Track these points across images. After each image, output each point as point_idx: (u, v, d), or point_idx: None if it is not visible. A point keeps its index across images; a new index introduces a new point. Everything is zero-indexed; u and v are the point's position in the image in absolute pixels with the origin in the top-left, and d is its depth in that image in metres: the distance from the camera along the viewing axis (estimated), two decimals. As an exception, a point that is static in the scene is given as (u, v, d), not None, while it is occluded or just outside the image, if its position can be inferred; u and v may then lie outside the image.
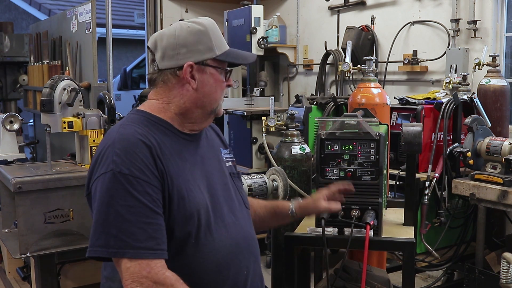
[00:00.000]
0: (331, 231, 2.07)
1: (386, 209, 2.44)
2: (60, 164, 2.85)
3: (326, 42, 4.96)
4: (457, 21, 3.87)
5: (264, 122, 3.73)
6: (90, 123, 2.70)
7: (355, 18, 4.80)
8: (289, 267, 2.25)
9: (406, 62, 4.25)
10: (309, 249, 2.75)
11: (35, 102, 4.74)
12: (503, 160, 2.96)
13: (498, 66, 3.44)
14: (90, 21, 3.87)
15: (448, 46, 3.96)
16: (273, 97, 4.14)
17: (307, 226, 2.16)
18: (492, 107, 3.39)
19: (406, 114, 3.44)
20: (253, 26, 4.52)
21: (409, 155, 2.37)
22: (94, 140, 2.70)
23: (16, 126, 3.84)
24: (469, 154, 3.10)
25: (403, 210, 2.38)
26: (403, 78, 4.43)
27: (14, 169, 2.67)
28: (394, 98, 3.66)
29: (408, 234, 2.24)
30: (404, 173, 2.70)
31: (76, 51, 4.19)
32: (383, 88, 3.50)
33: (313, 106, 3.83)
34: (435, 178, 3.26)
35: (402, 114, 3.47)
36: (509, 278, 2.28)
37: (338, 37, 4.95)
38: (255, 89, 4.78)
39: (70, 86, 2.68)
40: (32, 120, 6.12)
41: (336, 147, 2.08)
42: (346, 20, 4.87)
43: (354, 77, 4.72)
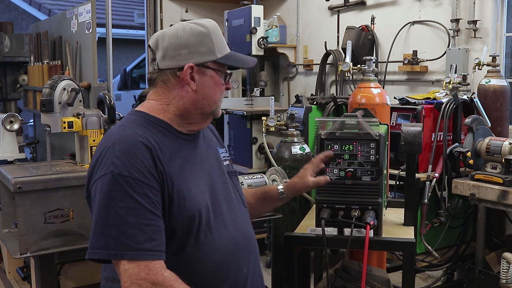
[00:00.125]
0: (331, 231, 2.07)
1: (386, 209, 2.44)
2: (60, 164, 2.84)
3: (326, 42, 4.96)
4: (457, 21, 3.87)
5: (264, 122, 3.73)
6: (90, 123, 2.69)
7: (355, 18, 4.80)
8: (289, 267, 2.25)
9: (406, 62, 4.25)
10: (309, 249, 2.75)
11: (35, 102, 4.74)
12: (503, 160, 2.96)
13: (498, 66, 3.45)
14: (90, 21, 3.87)
15: (448, 46, 3.96)
16: (273, 97, 4.14)
17: (307, 226, 2.16)
18: (492, 107, 3.39)
19: (406, 114, 3.44)
20: (253, 26, 4.51)
21: (409, 155, 2.37)
22: (94, 140, 2.70)
23: (16, 126, 3.83)
24: (469, 154, 3.10)
25: (403, 210, 2.38)
26: (403, 78, 4.43)
27: (14, 169, 2.66)
28: (394, 98, 3.66)
29: (408, 234, 2.24)
30: (404, 173, 2.70)
31: (76, 51, 4.19)
32: (383, 88, 3.50)
33: (313, 106, 3.83)
34: (435, 178, 3.27)
35: (402, 114, 3.48)
36: (509, 278, 2.28)
37: (338, 37, 4.95)
38: (255, 89, 4.77)
39: (70, 86, 2.67)
40: (32, 120, 6.12)
41: (336, 147, 2.08)
42: (346, 20, 4.87)
43: (354, 77, 4.72)
